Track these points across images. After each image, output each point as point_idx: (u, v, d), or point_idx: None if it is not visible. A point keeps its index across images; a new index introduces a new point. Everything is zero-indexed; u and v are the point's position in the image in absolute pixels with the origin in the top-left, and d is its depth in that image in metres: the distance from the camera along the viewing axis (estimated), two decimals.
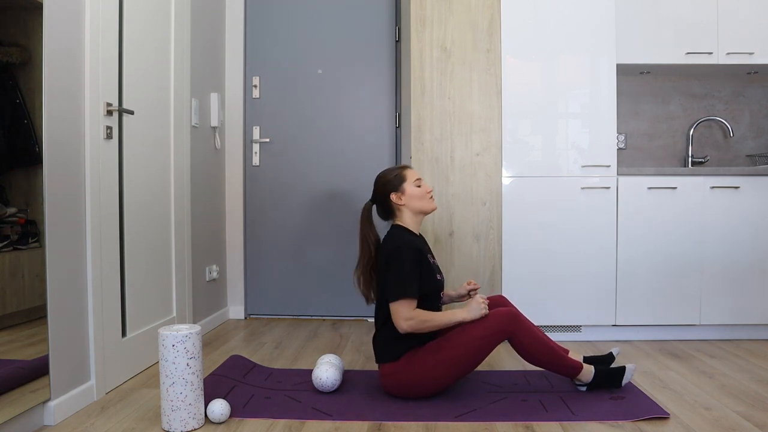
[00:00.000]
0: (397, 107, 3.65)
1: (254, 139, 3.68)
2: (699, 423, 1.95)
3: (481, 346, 2.08)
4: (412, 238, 2.22)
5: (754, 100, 3.57)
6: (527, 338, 2.10)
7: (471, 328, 2.10)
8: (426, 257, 2.21)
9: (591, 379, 2.20)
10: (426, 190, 2.28)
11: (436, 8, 3.04)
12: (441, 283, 2.26)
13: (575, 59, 3.02)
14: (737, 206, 3.02)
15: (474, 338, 2.07)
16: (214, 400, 1.96)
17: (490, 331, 2.08)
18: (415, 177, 2.28)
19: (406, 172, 2.29)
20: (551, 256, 3.02)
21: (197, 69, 3.19)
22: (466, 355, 2.08)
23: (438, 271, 2.28)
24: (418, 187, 2.27)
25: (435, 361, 2.09)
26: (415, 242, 2.19)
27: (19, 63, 1.84)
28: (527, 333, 2.10)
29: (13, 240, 1.81)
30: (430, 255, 2.30)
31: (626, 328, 3.07)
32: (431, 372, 2.10)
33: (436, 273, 2.24)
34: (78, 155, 2.10)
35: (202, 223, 3.26)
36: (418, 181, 2.28)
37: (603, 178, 3.02)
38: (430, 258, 2.26)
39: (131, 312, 2.46)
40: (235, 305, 3.69)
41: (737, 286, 3.02)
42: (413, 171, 2.31)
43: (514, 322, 2.09)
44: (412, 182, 2.27)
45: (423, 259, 2.17)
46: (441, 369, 2.09)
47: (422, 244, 2.27)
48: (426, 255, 2.22)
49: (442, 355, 2.09)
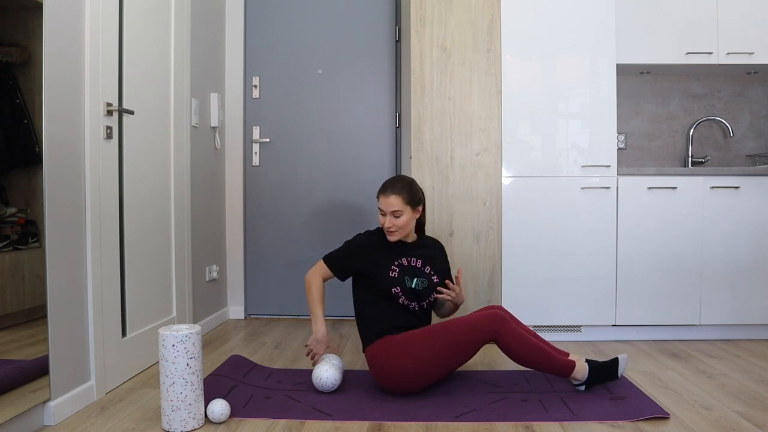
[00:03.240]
0: (397, 107, 3.65)
1: (254, 139, 3.68)
2: (699, 423, 1.95)
3: (464, 346, 2.11)
4: (378, 239, 2.34)
5: (754, 100, 3.57)
6: (512, 338, 2.10)
7: (455, 327, 2.12)
8: (372, 257, 2.29)
9: (586, 376, 2.20)
10: (384, 222, 2.29)
11: (436, 8, 3.04)
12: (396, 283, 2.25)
13: (575, 59, 3.02)
14: (737, 206, 3.02)
15: (457, 337, 2.11)
16: (214, 400, 1.96)
17: (473, 333, 2.10)
18: (380, 205, 2.31)
19: (379, 197, 2.32)
20: (551, 256, 3.02)
21: (197, 69, 3.19)
22: (449, 353, 2.12)
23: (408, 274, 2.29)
24: (382, 216, 2.32)
25: (418, 354, 2.12)
26: (367, 241, 2.33)
27: (19, 63, 1.83)
28: (511, 333, 2.10)
29: (13, 240, 1.81)
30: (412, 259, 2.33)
31: (626, 328, 3.07)
32: (414, 365, 2.12)
33: (388, 272, 2.26)
34: (78, 155, 2.10)
35: (202, 223, 3.26)
36: (381, 211, 2.32)
37: (603, 178, 3.02)
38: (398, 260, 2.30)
39: (131, 312, 2.46)
40: (235, 305, 3.69)
41: (737, 286, 3.02)
42: (384, 200, 2.29)
43: (498, 322, 2.10)
44: (378, 208, 2.33)
45: (365, 257, 2.29)
46: (424, 363, 2.12)
47: (387, 248, 2.32)
48: (375, 256, 2.29)
49: (426, 349, 2.12)
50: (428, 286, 2.32)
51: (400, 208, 2.27)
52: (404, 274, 2.28)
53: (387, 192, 2.29)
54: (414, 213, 2.32)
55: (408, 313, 2.29)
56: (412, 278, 2.29)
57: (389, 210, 2.28)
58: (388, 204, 2.28)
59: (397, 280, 2.26)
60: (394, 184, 2.30)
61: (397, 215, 2.28)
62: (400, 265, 2.30)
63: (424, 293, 2.31)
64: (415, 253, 2.36)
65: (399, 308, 2.27)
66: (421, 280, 2.30)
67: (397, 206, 2.27)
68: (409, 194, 2.29)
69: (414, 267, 2.32)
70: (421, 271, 2.33)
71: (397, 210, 2.27)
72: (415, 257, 2.35)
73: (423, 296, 2.30)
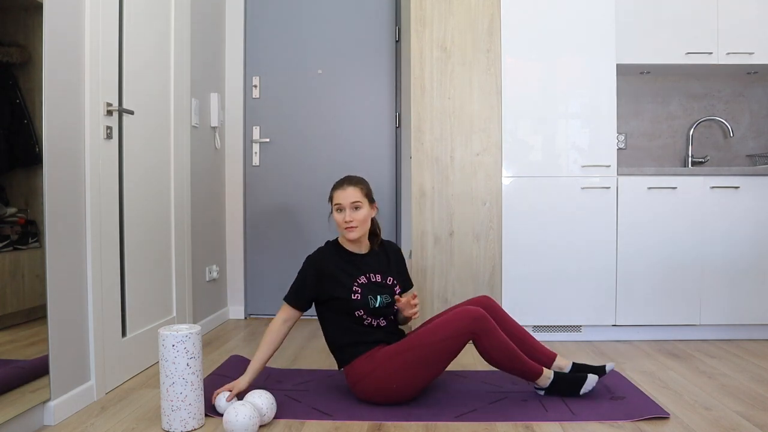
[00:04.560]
0: (397, 107, 3.65)
1: (254, 139, 3.69)
2: (699, 423, 1.95)
3: (445, 347, 2.02)
4: (333, 254, 2.18)
5: (754, 100, 3.57)
6: (489, 342, 2.03)
7: (436, 330, 2.03)
8: (332, 275, 2.12)
9: (548, 384, 2.15)
10: (344, 218, 2.13)
11: (436, 8, 3.04)
12: (359, 306, 2.11)
13: (575, 59, 3.02)
14: (737, 206, 3.02)
15: (437, 339, 2.02)
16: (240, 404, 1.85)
17: (453, 332, 2.01)
18: (336, 201, 2.15)
19: (335, 192, 2.16)
20: (551, 256, 3.02)
21: (197, 69, 3.19)
22: (432, 356, 2.02)
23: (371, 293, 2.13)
24: (339, 212, 2.15)
25: (401, 363, 2.03)
26: (322, 258, 2.15)
27: (19, 63, 1.84)
28: (489, 336, 2.02)
29: (13, 240, 1.81)
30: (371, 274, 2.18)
31: (626, 328, 3.07)
32: (400, 374, 2.04)
33: (353, 292, 2.11)
34: (78, 155, 2.10)
35: (202, 223, 3.26)
36: (337, 206, 2.15)
37: (603, 178, 3.02)
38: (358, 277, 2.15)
39: (131, 312, 2.46)
40: (235, 305, 3.69)
41: (737, 286, 3.02)
42: (341, 193, 2.14)
43: (477, 322, 2.01)
44: (334, 205, 2.17)
45: (323, 276, 2.12)
46: (409, 371, 2.04)
47: (346, 263, 2.17)
48: (335, 274, 2.13)
49: (408, 356, 2.03)
50: (392, 300, 2.19)
51: (359, 199, 2.13)
52: (367, 293, 2.12)
53: (344, 185, 2.16)
54: (371, 209, 2.20)
55: (376, 330, 2.16)
56: (376, 297, 2.13)
57: (348, 202, 2.13)
58: (346, 196, 2.13)
59: (360, 303, 2.11)
60: (350, 179, 2.19)
61: (356, 206, 2.13)
62: (362, 285, 2.14)
63: (388, 308, 2.17)
64: (373, 267, 2.21)
65: (365, 328, 2.15)
66: (384, 296, 2.15)
67: (357, 197, 2.13)
68: (366, 187, 2.19)
69: (375, 283, 2.18)
70: (382, 285, 2.19)
71: (357, 201, 2.13)
72: (373, 272, 2.20)
73: (388, 312, 2.19)
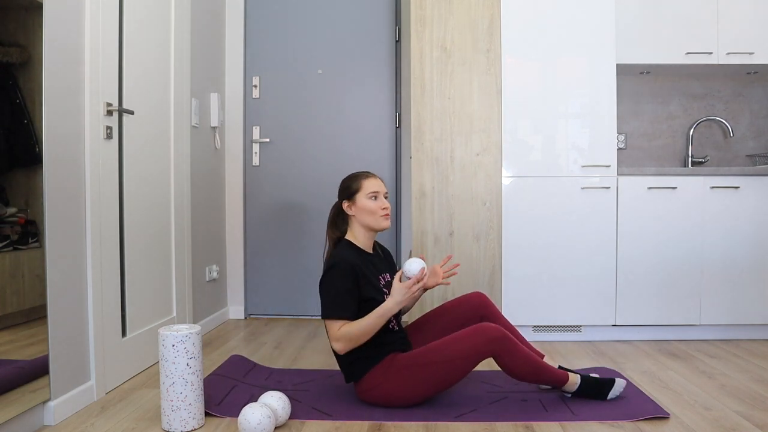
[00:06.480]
0: (397, 107, 3.66)
1: (254, 139, 3.69)
2: (699, 423, 1.95)
3: (460, 366, 1.98)
4: (355, 254, 2.10)
5: (754, 100, 3.57)
6: (511, 359, 1.98)
7: (452, 346, 1.98)
8: (365, 275, 2.05)
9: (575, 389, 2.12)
10: (381, 206, 2.11)
11: (436, 8, 3.04)
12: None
13: (575, 59, 3.02)
14: (737, 206, 3.02)
15: (452, 357, 1.97)
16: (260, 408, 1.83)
17: (469, 352, 1.96)
18: (372, 189, 2.11)
19: (365, 181, 2.13)
20: (551, 256, 3.02)
21: (197, 69, 3.19)
22: (446, 372, 1.99)
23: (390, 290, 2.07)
24: (373, 200, 2.12)
25: (413, 378, 2.00)
26: (352, 259, 2.04)
27: (19, 63, 1.84)
28: (511, 354, 1.98)
29: (13, 240, 1.81)
30: (385, 274, 2.17)
31: (626, 328, 3.07)
32: (410, 389, 2.02)
33: (383, 293, 2.08)
34: (78, 155, 2.10)
35: (202, 223, 3.27)
36: (373, 194, 2.12)
37: (603, 178, 3.02)
38: (379, 277, 2.13)
39: (131, 312, 2.46)
40: (235, 305, 3.69)
41: (737, 285, 3.02)
42: (374, 182, 2.13)
43: (497, 343, 1.96)
44: (366, 193, 2.11)
45: (359, 278, 2.03)
46: (420, 385, 2.01)
47: (367, 263, 2.12)
48: (367, 274, 2.06)
49: (421, 371, 1.99)
50: None
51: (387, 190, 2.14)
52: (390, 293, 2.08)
53: (369, 176, 2.16)
54: None
55: (393, 335, 2.11)
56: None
57: (384, 190, 2.15)
58: (379, 185, 2.14)
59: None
60: (368, 172, 2.20)
61: (386, 196, 2.16)
62: (386, 285, 2.13)
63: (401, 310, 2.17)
64: (383, 266, 2.21)
65: (387, 333, 2.08)
66: None
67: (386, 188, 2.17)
68: None
69: (389, 282, 2.16)
70: (391, 284, 2.14)
71: (387, 191, 2.17)
72: (385, 271, 2.19)
73: (401, 313, 2.17)
